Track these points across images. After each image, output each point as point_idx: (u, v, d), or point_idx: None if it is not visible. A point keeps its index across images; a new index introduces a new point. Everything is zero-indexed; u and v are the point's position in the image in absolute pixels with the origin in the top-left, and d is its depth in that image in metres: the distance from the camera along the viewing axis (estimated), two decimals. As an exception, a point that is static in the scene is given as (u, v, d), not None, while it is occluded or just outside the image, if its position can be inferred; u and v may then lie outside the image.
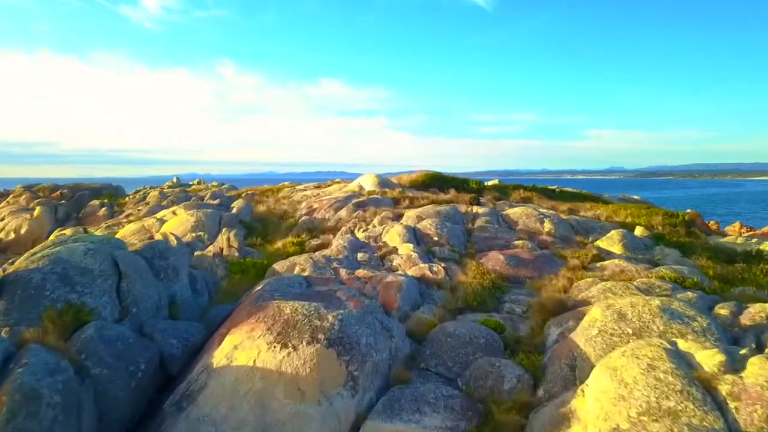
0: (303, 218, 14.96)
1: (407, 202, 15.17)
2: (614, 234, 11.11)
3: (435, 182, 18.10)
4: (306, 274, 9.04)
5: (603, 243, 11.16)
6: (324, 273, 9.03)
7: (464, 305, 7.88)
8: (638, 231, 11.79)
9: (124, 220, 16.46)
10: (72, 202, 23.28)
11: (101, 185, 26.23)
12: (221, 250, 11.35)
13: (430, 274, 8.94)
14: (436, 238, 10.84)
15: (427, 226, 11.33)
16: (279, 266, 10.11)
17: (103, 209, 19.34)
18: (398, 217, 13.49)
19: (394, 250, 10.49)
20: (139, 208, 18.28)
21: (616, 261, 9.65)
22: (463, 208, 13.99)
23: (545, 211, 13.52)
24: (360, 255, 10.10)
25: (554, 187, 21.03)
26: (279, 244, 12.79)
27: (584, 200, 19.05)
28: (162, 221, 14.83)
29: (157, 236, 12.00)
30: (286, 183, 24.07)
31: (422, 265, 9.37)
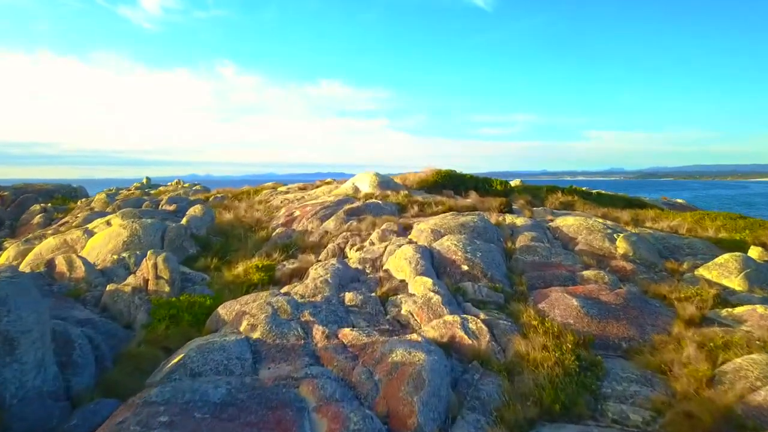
0: (278, 230, 11.29)
1: (416, 208, 11.51)
2: (728, 259, 7.46)
3: (449, 183, 14.46)
4: (256, 335, 5.40)
5: (709, 272, 7.52)
6: (286, 334, 5.36)
7: (538, 409, 4.25)
8: (754, 253, 8.13)
9: (51, 232, 12.76)
10: (14, 206, 19.60)
11: (55, 186, 22.51)
12: (145, 282, 7.68)
13: (466, 339, 5.26)
14: (465, 267, 7.16)
15: (450, 246, 7.64)
16: (226, 311, 6.54)
17: (38, 216, 15.66)
18: (405, 231, 9.83)
19: (402, 286, 6.83)
20: (79, 215, 14.58)
21: (758, 309, 6.01)
22: (493, 218, 10.33)
23: (612, 223, 9.85)
24: (349, 296, 6.42)
25: (586, 188, 17.43)
26: (240, 268, 9.13)
27: (630, 206, 15.41)
28: (91, 233, 11.16)
29: (59, 260, 8.31)
30: (268, 183, 20.39)
31: (449, 317, 5.70)
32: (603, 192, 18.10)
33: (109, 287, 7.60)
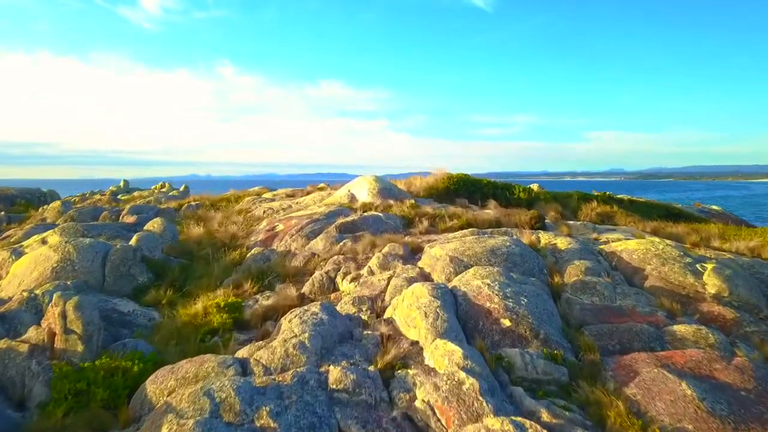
0: (255, 250, 9.07)
1: (426, 223, 9.27)
2: None
3: (462, 189, 12.23)
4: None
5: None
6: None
7: None
8: None
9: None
10: (-32, 213, 17.33)
11: (20, 191, 20.22)
12: (51, 336, 5.46)
13: (534, 479, 3.06)
14: (506, 321, 4.92)
15: (482, 288, 5.39)
16: (157, 387, 4.41)
17: (-19, 227, 13.42)
18: (413, 255, 7.62)
19: (415, 352, 4.60)
20: (26, 227, 12.32)
21: None
22: (525, 237, 8.09)
23: (693, 250, 7.58)
24: (335, 374, 4.16)
25: (621, 195, 15.20)
26: (200, 304, 6.94)
27: (672, 216, 13.21)
28: (21, 254, 8.95)
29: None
30: (254, 189, 18.14)
31: (494, 420, 3.49)
32: (635, 199, 15.87)
33: (1, 343, 5.39)
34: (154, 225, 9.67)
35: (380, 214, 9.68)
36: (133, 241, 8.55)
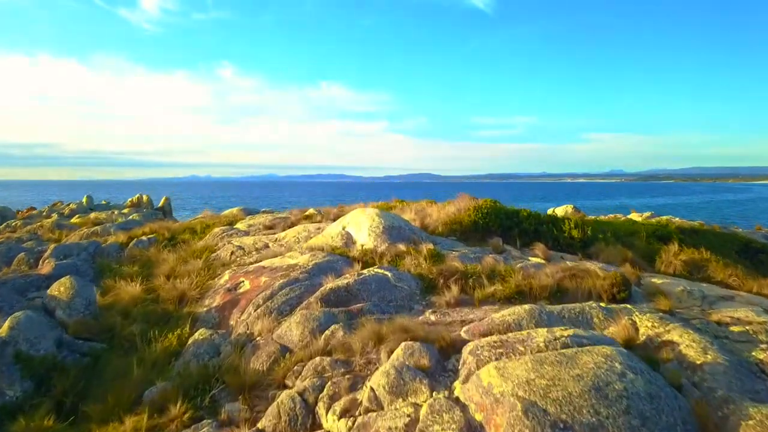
0: (201, 334, 6.06)
1: (455, 289, 6.23)
2: None
3: (494, 223, 9.21)
4: None
5: None
6: None
7: None
8: None
9: None
10: None
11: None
12: None
13: None
14: None
15: None
16: None
17: None
18: (443, 363, 4.62)
19: None
20: None
21: None
22: (620, 328, 5.10)
23: None
24: None
25: (697, 222, 12.27)
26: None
27: (753, 252, 10.25)
28: None
29: None
30: (230, 211, 15.14)
31: None
32: (702, 226, 12.89)
33: None
34: (61, 288, 6.68)
35: (387, 273, 6.65)
36: (2, 330, 5.50)
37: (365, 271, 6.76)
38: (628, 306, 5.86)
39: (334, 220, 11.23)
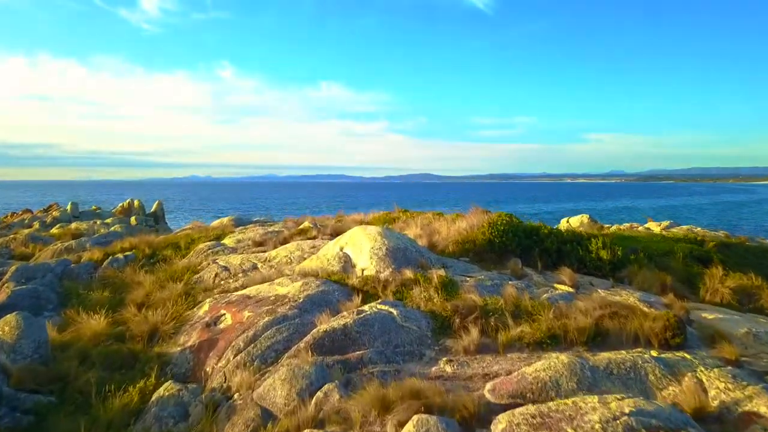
0: (167, 389, 5.00)
1: (475, 332, 5.18)
2: None
3: (512, 241, 8.15)
4: None
5: None
6: None
7: None
8: None
9: None
10: None
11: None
12: None
13: None
14: None
15: None
16: None
17: None
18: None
19: None
20: None
21: None
22: (689, 396, 4.06)
23: None
24: None
25: (722, 232, 11.24)
26: None
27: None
28: None
29: None
30: (217, 223, 14.10)
31: None
32: (729, 238, 11.83)
33: None
34: (6, 327, 5.60)
35: (392, 311, 5.59)
36: None
37: (366, 307, 5.70)
38: (687, 356, 4.80)
39: (332, 235, 10.17)
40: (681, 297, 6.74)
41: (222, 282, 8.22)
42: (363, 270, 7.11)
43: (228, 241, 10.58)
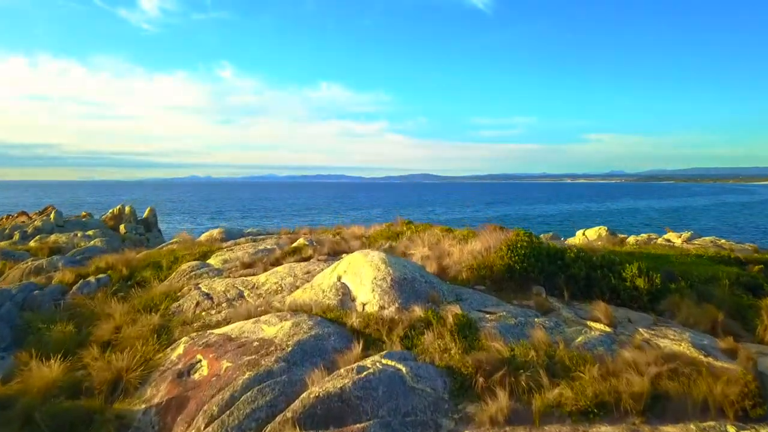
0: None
1: (503, 396, 4.18)
2: None
3: (534, 266, 7.12)
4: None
5: None
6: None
7: None
8: None
9: None
10: None
11: None
12: None
13: None
14: None
15: None
16: None
17: None
18: None
19: None
20: None
21: None
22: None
23: None
24: None
25: (749, 244, 10.27)
26: None
27: None
28: None
29: None
30: (213, 232, 13.07)
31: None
32: (757, 251, 10.84)
33: None
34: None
35: (400, 368, 4.57)
36: None
37: (369, 362, 4.68)
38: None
39: (328, 254, 9.16)
40: (735, 336, 5.73)
41: (203, 313, 7.21)
42: (364, 305, 6.10)
43: (214, 261, 9.55)
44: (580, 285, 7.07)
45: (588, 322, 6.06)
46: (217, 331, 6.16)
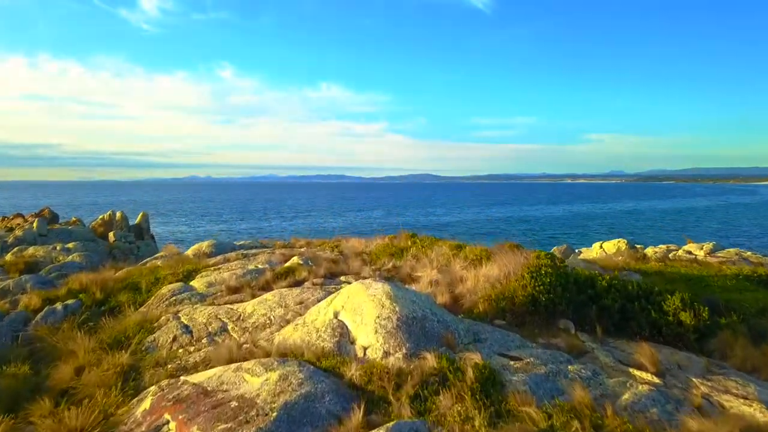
0: None
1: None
2: None
3: (561, 297, 6.18)
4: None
5: None
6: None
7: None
8: None
9: None
10: None
11: None
12: None
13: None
14: None
15: None
16: None
17: None
18: None
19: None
20: None
21: None
22: None
23: None
24: None
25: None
26: None
27: None
28: None
29: None
30: (201, 245, 12.11)
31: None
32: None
33: None
34: None
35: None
36: None
37: (369, 421, 3.73)
38: None
39: (325, 277, 8.22)
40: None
41: (180, 350, 6.26)
42: (365, 349, 5.15)
43: (198, 283, 8.59)
44: (615, 319, 6.13)
45: (630, 370, 5.12)
46: (192, 379, 5.21)
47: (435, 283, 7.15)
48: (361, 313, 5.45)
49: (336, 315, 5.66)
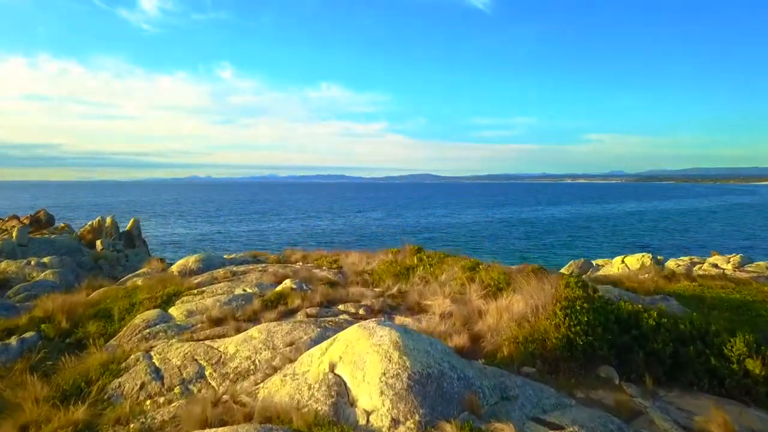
0: None
1: None
2: None
3: (602, 339, 5.18)
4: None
5: None
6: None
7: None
8: None
9: None
10: None
11: None
12: None
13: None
14: None
15: None
16: None
17: None
18: None
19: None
20: None
21: None
22: None
23: None
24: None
25: None
26: None
27: None
28: None
29: None
30: (186, 260, 11.10)
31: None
32: None
33: None
34: None
35: None
36: None
37: None
38: None
39: (321, 305, 7.21)
40: None
41: (148, 402, 5.26)
42: (368, 414, 4.15)
43: (177, 312, 7.58)
44: (666, 365, 5.13)
45: (697, 438, 4.12)
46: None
47: (448, 316, 6.15)
48: (362, 368, 4.44)
49: (332, 368, 4.65)
